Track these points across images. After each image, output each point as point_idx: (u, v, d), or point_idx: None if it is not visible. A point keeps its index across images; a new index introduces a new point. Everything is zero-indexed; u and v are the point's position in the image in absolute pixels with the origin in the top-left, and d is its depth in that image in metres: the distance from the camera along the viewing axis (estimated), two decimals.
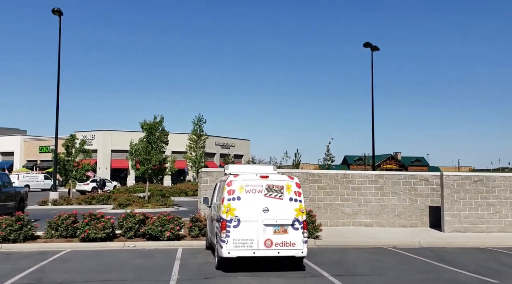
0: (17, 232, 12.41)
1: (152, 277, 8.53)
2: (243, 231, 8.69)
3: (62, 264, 9.88)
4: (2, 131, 75.58)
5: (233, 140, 69.23)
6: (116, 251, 11.90)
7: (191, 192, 42.24)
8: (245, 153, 70.79)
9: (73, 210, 14.29)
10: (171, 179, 60.21)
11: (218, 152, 65.89)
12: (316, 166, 74.51)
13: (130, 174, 59.42)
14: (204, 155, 59.26)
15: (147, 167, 29.00)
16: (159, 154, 29.16)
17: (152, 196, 32.73)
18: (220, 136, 66.90)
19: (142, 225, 13.33)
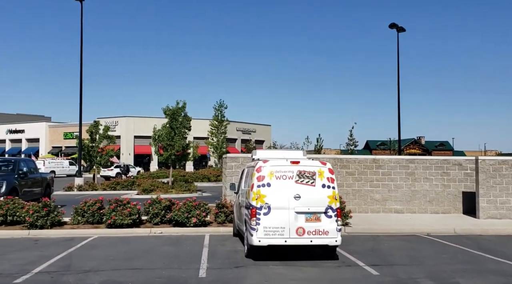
0: (44, 218, 12.38)
1: (181, 265, 8.30)
2: (274, 218, 8.35)
3: (89, 251, 9.76)
4: (27, 118, 77.07)
5: (254, 125, 68.80)
6: (143, 237, 11.77)
7: (214, 177, 42.24)
8: (266, 138, 70.35)
9: (98, 196, 14.24)
10: (193, 164, 60.36)
11: (239, 138, 65.66)
12: (338, 151, 73.66)
13: (153, 159, 59.88)
14: (226, 140, 59.22)
15: (171, 152, 28.93)
16: (182, 140, 29.04)
17: (176, 181, 32.79)
18: (241, 122, 66.57)
19: (168, 211, 13.16)
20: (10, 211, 12.63)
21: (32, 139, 68.22)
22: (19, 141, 69.61)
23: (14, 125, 70.47)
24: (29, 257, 9.01)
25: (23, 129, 69.08)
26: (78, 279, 7.29)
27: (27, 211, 12.40)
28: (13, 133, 70.06)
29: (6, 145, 71.00)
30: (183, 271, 7.84)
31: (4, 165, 16.07)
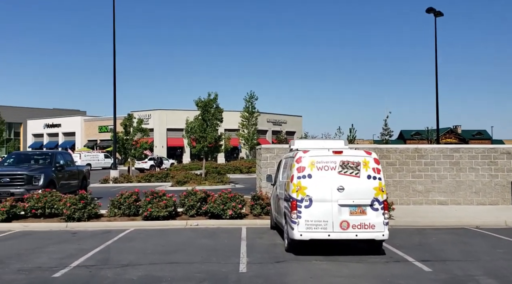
0: (81, 211, 12.40)
1: (220, 259, 8.02)
2: (316, 211, 7.93)
3: (126, 243, 9.64)
4: (64, 113, 79.17)
5: (285, 116, 68.16)
6: (179, 229, 11.60)
7: (245, 169, 42.07)
8: (297, 129, 69.60)
9: (133, 188, 14.19)
10: (225, 156, 60.47)
11: (270, 129, 65.24)
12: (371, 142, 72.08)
13: (185, 152, 60.38)
14: (256, 132, 58.97)
15: (203, 144, 28.86)
16: (214, 132, 28.90)
17: (208, 173, 32.79)
18: (271, 113, 66.09)
19: (203, 203, 12.95)
20: (48, 203, 12.72)
21: (69, 133, 70.04)
22: (56, 135, 71.64)
23: (51, 120, 72.53)
24: (67, 250, 8.95)
25: (59, 123, 71.01)
26: (116, 274, 7.11)
27: (64, 203, 12.46)
28: (50, 127, 72.14)
29: (44, 139, 73.24)
30: (222, 265, 7.55)
31: (42, 158, 16.29)
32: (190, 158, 59.61)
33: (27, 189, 13.99)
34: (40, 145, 72.82)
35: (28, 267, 7.58)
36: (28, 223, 12.19)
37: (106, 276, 6.99)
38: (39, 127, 73.80)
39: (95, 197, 13.62)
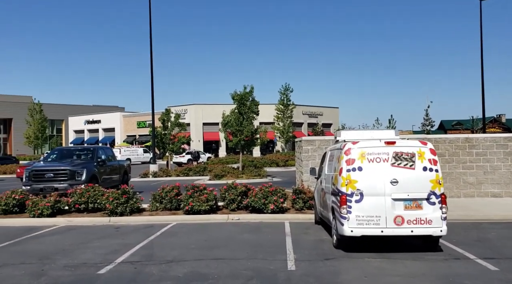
0: (124, 205, 12.42)
1: (266, 255, 7.71)
2: (368, 206, 7.47)
3: (169, 238, 9.50)
4: (103, 109, 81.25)
5: (321, 108, 67.10)
6: (221, 224, 11.40)
7: (282, 162, 41.68)
8: (334, 121, 68.43)
9: (172, 182, 14.11)
10: (260, 150, 60.23)
11: (305, 122, 64.46)
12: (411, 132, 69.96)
13: (221, 145, 60.62)
14: (292, 125, 58.38)
15: (240, 138, 28.68)
16: (251, 125, 28.66)
17: (245, 167, 32.63)
18: (307, 105, 65.23)
19: (244, 197, 12.71)
20: (91, 198, 12.82)
21: (108, 128, 71.81)
22: (96, 131, 73.63)
23: (91, 116, 74.56)
24: (111, 245, 8.90)
25: (99, 120, 72.90)
26: (162, 270, 6.94)
27: (107, 198, 12.51)
28: (90, 124, 74.20)
29: (85, 135, 75.45)
30: (269, 262, 7.24)
31: (84, 153, 16.51)
32: (226, 152, 59.81)
33: (70, 184, 14.18)
34: (81, 141, 75.07)
35: (73, 263, 7.53)
36: (72, 218, 12.33)
37: (151, 272, 6.83)
38: (80, 123, 76.07)
39: (137, 191, 13.63)
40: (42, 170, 14.24)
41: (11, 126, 79.88)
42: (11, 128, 79.75)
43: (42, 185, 14.02)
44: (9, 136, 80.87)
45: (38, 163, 15.18)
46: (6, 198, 12.72)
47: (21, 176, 31.02)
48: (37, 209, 12.28)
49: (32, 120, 66.00)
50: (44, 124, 67.21)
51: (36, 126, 66.01)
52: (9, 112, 78.14)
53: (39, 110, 67.23)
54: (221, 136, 62.33)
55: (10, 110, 77.69)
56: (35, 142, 66.78)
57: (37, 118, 66.37)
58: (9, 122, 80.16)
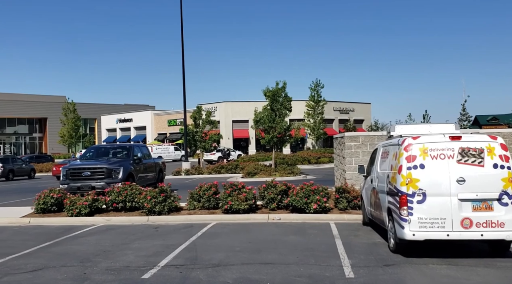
0: (162, 204, 12.14)
1: (318, 260, 7.17)
2: (431, 207, 6.82)
3: (212, 240, 9.09)
4: (134, 108, 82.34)
5: (352, 104, 65.64)
6: (262, 224, 10.94)
7: (314, 159, 40.94)
8: (366, 117, 66.87)
9: (205, 180, 13.74)
10: (290, 147, 59.51)
11: (336, 118, 63.20)
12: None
13: (251, 143, 60.28)
14: (323, 121, 57.33)
15: (272, 135, 28.19)
16: (284, 122, 28.11)
17: (277, 164, 32.10)
18: (338, 101, 63.93)
19: (284, 196, 12.21)
20: (129, 197, 12.60)
21: (140, 127, 72.63)
22: (128, 130, 74.60)
23: (123, 115, 75.59)
24: (153, 247, 8.56)
25: (131, 118, 73.83)
26: (209, 275, 6.51)
27: (145, 197, 12.26)
28: (122, 122, 75.24)
29: (117, 134, 76.59)
30: (323, 268, 6.70)
31: (120, 151, 16.37)
32: (255, 149, 59.43)
33: (107, 183, 14.02)
34: (114, 139, 76.23)
35: (116, 266, 7.21)
36: (110, 217, 12.13)
37: (199, 278, 6.41)
38: (112, 122, 77.26)
39: (174, 190, 13.33)
40: (79, 168, 14.14)
41: (46, 125, 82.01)
42: (46, 127, 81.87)
43: (80, 183, 13.92)
44: (45, 135, 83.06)
45: (75, 161, 15.10)
46: (44, 197, 12.65)
47: (57, 174, 31.63)
48: (75, 208, 12.15)
49: (66, 119, 67.60)
50: (77, 123, 68.57)
51: (70, 125, 67.52)
52: (44, 112, 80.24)
53: (73, 109, 68.58)
54: (251, 134, 62.33)
55: (45, 109, 79.77)
56: (69, 141, 68.18)
57: (71, 117, 67.83)
58: (44, 121, 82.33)
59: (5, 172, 31.53)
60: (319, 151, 51.70)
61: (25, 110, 78.76)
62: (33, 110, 79.83)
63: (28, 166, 35.13)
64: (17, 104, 77.28)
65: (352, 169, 12.97)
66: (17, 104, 77.31)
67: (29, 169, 34.72)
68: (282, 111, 28.18)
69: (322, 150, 51.94)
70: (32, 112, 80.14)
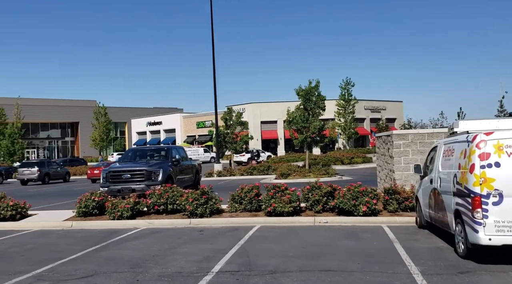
0: (204, 206, 11.86)
1: (383, 267, 6.67)
2: (509, 209, 6.23)
3: (261, 244, 8.72)
4: (163, 111, 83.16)
5: (383, 102, 64.26)
6: (308, 227, 10.49)
7: (347, 160, 40.14)
8: (398, 116, 65.34)
9: (238, 181, 13.42)
10: (320, 147, 58.68)
11: (367, 117, 62.02)
12: None
13: (279, 144, 59.85)
14: (354, 120, 56.30)
15: (306, 135, 27.67)
16: (318, 121, 27.54)
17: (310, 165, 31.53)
18: (369, 100, 62.71)
19: (330, 198, 11.73)
20: (170, 199, 12.37)
21: (169, 129, 73.32)
22: (158, 132, 75.40)
23: (152, 118, 76.47)
24: (202, 251, 8.24)
25: (160, 121, 74.60)
26: (268, 283, 6.11)
27: (186, 199, 12.00)
28: (152, 125, 76.12)
29: (147, 137, 77.54)
30: (391, 276, 6.19)
31: (158, 153, 16.25)
32: (284, 150, 58.95)
33: (147, 185, 13.87)
34: (144, 142, 77.20)
35: (168, 272, 6.91)
36: (152, 220, 11.92)
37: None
38: (142, 125, 78.27)
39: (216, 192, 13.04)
40: (119, 171, 14.04)
41: (78, 129, 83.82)
42: (78, 131, 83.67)
43: (120, 186, 13.81)
44: (76, 138, 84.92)
45: (114, 164, 15.04)
46: (85, 200, 12.56)
47: (91, 177, 32.02)
48: (117, 211, 12.00)
49: (98, 123, 68.92)
50: (108, 127, 69.89)
51: (101, 128, 68.87)
52: (75, 116, 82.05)
53: (104, 113, 69.94)
54: (280, 134, 61.93)
55: (77, 114, 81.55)
56: (101, 144, 69.55)
57: (102, 121, 69.17)
58: (76, 125, 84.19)
59: (41, 176, 32.13)
60: (351, 151, 50.77)
61: (58, 114, 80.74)
62: (65, 115, 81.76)
63: (63, 169, 35.73)
64: (50, 109, 79.32)
65: (401, 169, 12.36)
66: (50, 109, 79.35)
67: (64, 172, 35.30)
68: (316, 110, 27.64)
69: (354, 150, 51.02)
70: (64, 117, 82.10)
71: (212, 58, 32.02)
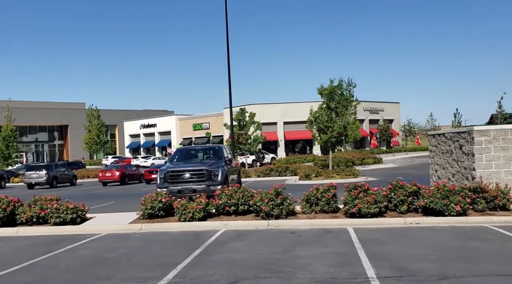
0: (279, 207, 11.20)
1: None
2: None
3: (381, 246, 8.12)
4: (154, 113, 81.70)
5: (381, 104, 64.38)
6: (404, 229, 9.95)
7: (358, 161, 39.83)
8: (395, 117, 65.62)
9: (257, 183, 13.15)
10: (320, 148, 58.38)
11: (366, 118, 61.96)
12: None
13: (280, 145, 59.29)
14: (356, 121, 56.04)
15: (330, 135, 27.20)
16: (343, 121, 27.11)
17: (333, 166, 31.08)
18: (367, 101, 62.71)
19: (415, 198, 11.22)
20: (241, 200, 11.68)
21: (164, 132, 71.93)
22: (152, 135, 73.91)
23: (146, 120, 74.92)
24: (325, 254, 7.60)
25: (155, 123, 73.15)
26: None
27: (261, 199, 11.31)
28: (146, 128, 74.59)
29: (141, 139, 75.95)
30: None
31: (209, 152, 15.50)
32: (284, 152, 58.42)
33: (208, 185, 13.13)
34: (138, 145, 75.65)
35: (319, 277, 6.24)
36: (225, 221, 11.19)
37: None
38: (135, 127, 76.65)
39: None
40: (178, 171, 13.23)
41: (67, 132, 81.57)
42: (67, 134, 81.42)
43: (180, 186, 13.01)
44: (66, 142, 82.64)
45: (168, 164, 14.22)
46: (151, 201, 11.75)
47: (103, 180, 30.86)
48: (188, 213, 11.23)
49: (91, 125, 67.16)
50: (102, 129, 68.27)
51: (94, 131, 67.15)
52: (64, 119, 79.82)
53: (97, 116, 68.29)
54: (280, 136, 61.34)
55: (66, 117, 79.36)
56: (94, 147, 67.90)
57: (95, 124, 67.51)
58: (65, 128, 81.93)
59: (49, 179, 30.83)
60: (361, 152, 50.55)
61: (46, 117, 78.37)
62: (54, 118, 79.39)
63: (70, 172, 34.44)
64: (38, 112, 76.88)
65: (482, 167, 11.92)
66: (38, 111, 76.90)
67: (71, 175, 34.03)
68: (340, 110, 27.20)
69: (358, 151, 50.82)
70: (53, 120, 79.71)
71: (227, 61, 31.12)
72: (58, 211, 11.36)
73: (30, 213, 11.47)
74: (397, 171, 31.26)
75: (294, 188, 18.14)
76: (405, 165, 39.01)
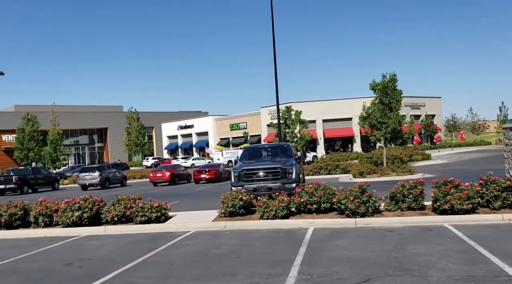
0: (365, 205, 10.87)
1: None
2: None
3: (502, 244, 7.68)
4: (190, 114, 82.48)
5: (422, 99, 62.68)
6: (508, 225, 9.45)
7: (406, 157, 38.69)
8: (437, 112, 63.74)
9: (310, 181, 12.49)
10: (361, 146, 57.45)
11: (408, 114, 60.45)
12: None
13: (319, 144, 58.67)
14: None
15: (385, 131, 26.55)
16: (398, 116, 26.43)
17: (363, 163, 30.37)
18: (409, 96, 61.16)
19: (509, 193, 10.67)
20: (323, 197, 11.42)
21: (201, 132, 72.54)
22: (190, 136, 74.67)
23: (184, 121, 75.75)
24: (443, 252, 7.27)
25: (192, 124, 73.87)
26: None
27: (346, 196, 11.01)
28: (183, 129, 75.42)
29: (179, 140, 76.86)
30: None
31: (276, 151, 15.33)
32: (324, 150, 57.78)
33: (283, 183, 12.93)
34: (175, 146, 76.61)
35: (457, 275, 5.92)
36: (309, 219, 10.94)
37: None
38: (173, 129, 77.63)
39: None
40: (253, 169, 13.09)
41: (106, 135, 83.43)
42: (107, 137, 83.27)
43: (255, 185, 12.87)
44: (105, 144, 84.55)
45: (240, 163, 14.12)
46: (232, 199, 11.66)
47: (154, 180, 31.27)
48: (271, 211, 11.08)
49: (131, 127, 68.40)
50: (141, 131, 69.46)
51: (134, 133, 68.37)
52: (104, 122, 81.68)
53: (137, 118, 69.50)
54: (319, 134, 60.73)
55: (105, 120, 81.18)
56: (134, 149, 69.13)
57: (135, 126, 68.73)
58: (104, 131, 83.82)
59: (102, 180, 31.43)
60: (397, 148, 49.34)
61: (86, 121, 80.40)
62: (94, 121, 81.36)
63: (121, 174, 35.05)
64: (78, 116, 78.93)
65: None
66: (78, 115, 78.96)
67: (122, 177, 34.61)
68: (394, 105, 26.54)
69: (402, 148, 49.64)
70: (93, 123, 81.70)
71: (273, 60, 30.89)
72: (143, 209, 11.43)
73: (115, 212, 11.59)
74: (450, 167, 30.28)
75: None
76: (454, 161, 37.77)
